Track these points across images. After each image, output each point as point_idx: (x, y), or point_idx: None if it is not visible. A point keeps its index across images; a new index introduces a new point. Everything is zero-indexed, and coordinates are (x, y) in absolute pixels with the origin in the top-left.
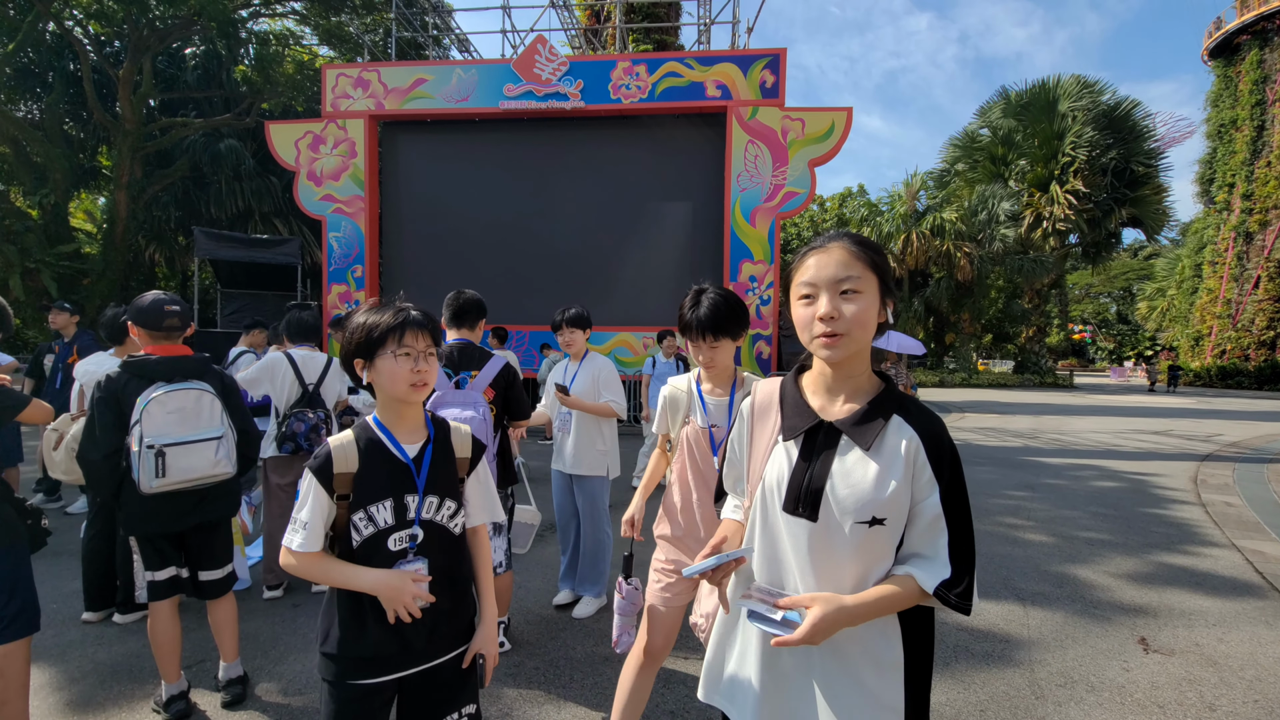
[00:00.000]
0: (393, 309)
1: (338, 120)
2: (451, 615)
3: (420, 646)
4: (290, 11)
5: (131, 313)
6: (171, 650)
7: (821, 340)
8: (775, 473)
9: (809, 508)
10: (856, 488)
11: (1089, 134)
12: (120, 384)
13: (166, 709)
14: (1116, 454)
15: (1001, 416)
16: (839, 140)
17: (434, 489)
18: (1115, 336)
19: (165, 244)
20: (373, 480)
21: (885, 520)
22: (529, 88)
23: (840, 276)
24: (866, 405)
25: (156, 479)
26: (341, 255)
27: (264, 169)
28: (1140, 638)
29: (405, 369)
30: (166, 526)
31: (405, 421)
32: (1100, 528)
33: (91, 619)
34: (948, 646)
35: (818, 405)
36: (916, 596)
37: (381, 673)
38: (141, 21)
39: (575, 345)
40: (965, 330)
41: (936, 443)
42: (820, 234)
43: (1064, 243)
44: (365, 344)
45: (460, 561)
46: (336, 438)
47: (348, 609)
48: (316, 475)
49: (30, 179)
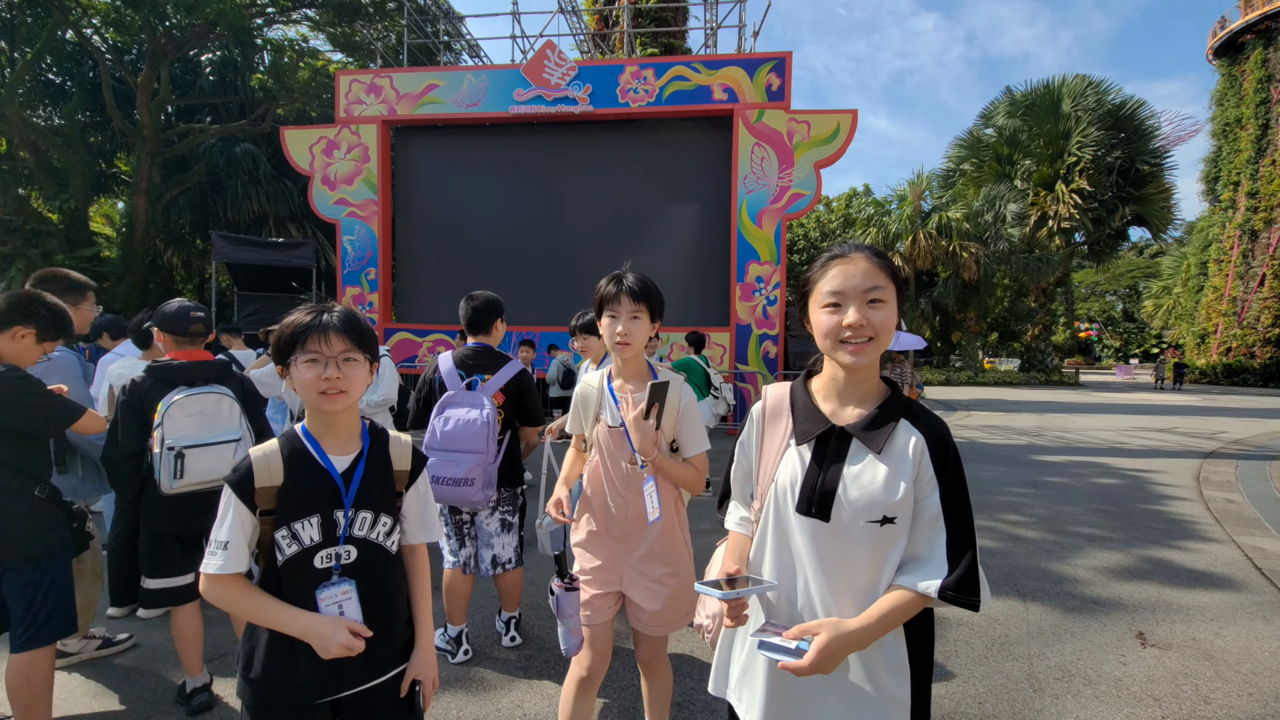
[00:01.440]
0: (311, 310)
1: (351, 125)
2: (386, 638)
3: (353, 671)
4: (304, 18)
5: (157, 319)
6: (194, 645)
7: (851, 347)
8: (788, 475)
9: (822, 509)
10: (868, 489)
11: (1094, 133)
12: (144, 388)
13: (190, 700)
14: (1120, 452)
15: (1007, 415)
16: (844, 142)
17: (366, 504)
18: (1121, 334)
19: (183, 247)
20: (298, 495)
21: (896, 519)
22: (538, 92)
23: (867, 286)
24: (876, 410)
25: (176, 480)
26: (355, 258)
27: (279, 173)
28: (1138, 632)
29: (312, 376)
30: (185, 525)
31: (336, 432)
32: (1101, 524)
33: (116, 614)
34: (948, 641)
35: (829, 410)
36: (918, 604)
37: (312, 698)
38: (159, 30)
39: (591, 350)
40: (971, 329)
41: (941, 444)
42: (840, 243)
43: (1069, 241)
44: (278, 348)
45: (396, 581)
46: (259, 448)
47: (277, 634)
48: (235, 490)
49: (51, 184)
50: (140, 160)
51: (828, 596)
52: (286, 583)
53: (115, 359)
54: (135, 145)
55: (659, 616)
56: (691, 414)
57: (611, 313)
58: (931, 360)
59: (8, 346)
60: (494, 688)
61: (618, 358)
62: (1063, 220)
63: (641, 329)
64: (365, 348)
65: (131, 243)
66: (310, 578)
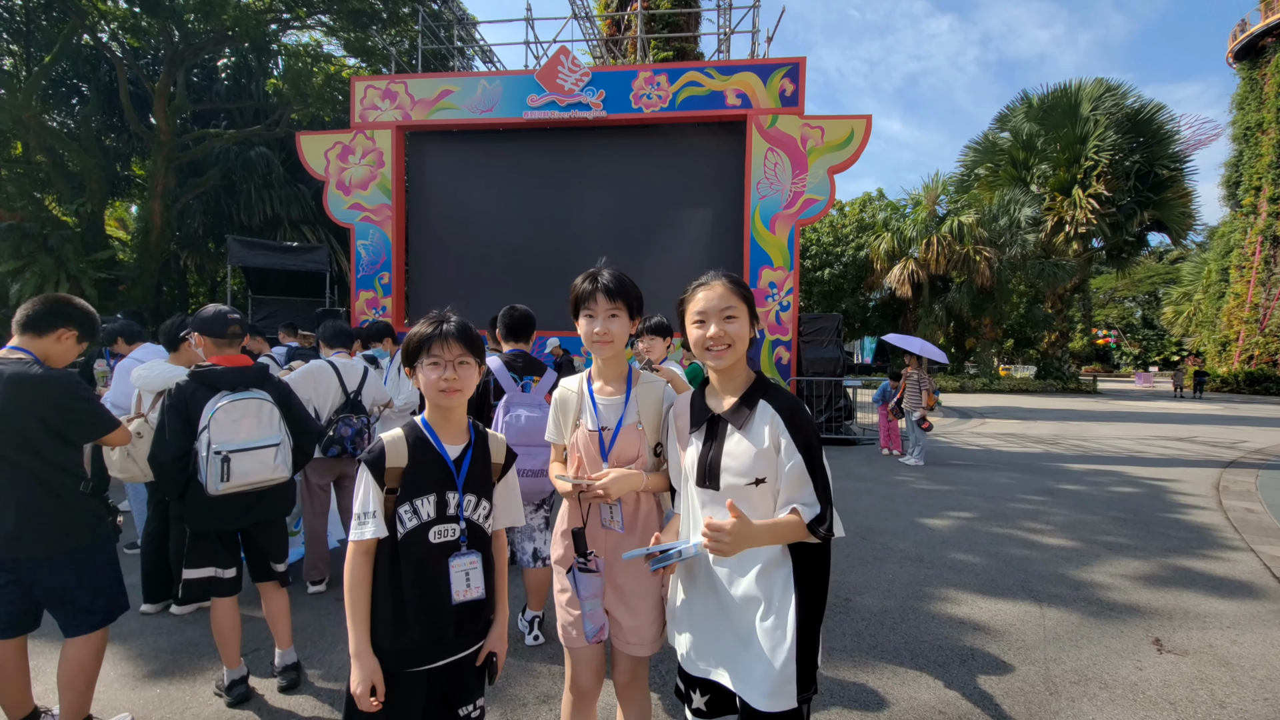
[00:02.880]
0: (433, 321)
1: (366, 131)
2: (478, 610)
3: (450, 641)
4: (319, 24)
5: (197, 324)
6: (233, 638)
7: (714, 353)
8: (690, 458)
9: (712, 479)
10: (741, 459)
11: (1112, 137)
12: (188, 392)
13: (229, 692)
14: (1138, 460)
15: (1022, 422)
16: (858, 147)
17: (472, 488)
18: (1141, 342)
19: (196, 250)
20: (419, 476)
21: (765, 479)
22: (552, 98)
23: (723, 306)
24: (740, 397)
25: (222, 482)
26: (369, 262)
27: (292, 177)
28: (1154, 638)
29: (434, 376)
30: (227, 524)
31: (449, 425)
32: (1118, 532)
33: (150, 610)
34: (964, 645)
35: (713, 404)
36: (799, 528)
37: (416, 664)
38: (176, 36)
39: (655, 352)
40: (986, 335)
41: (791, 415)
42: (706, 273)
43: (1087, 247)
44: (408, 353)
45: (490, 560)
46: (389, 433)
47: (389, 603)
48: (370, 468)
49: (67, 188)
50: (156, 165)
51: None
52: (405, 554)
53: (134, 364)
54: (151, 149)
55: (636, 633)
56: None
57: (589, 311)
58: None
59: (54, 348)
60: (522, 683)
61: (597, 357)
62: (1080, 225)
63: (620, 326)
64: (475, 353)
65: (147, 246)
66: (425, 551)
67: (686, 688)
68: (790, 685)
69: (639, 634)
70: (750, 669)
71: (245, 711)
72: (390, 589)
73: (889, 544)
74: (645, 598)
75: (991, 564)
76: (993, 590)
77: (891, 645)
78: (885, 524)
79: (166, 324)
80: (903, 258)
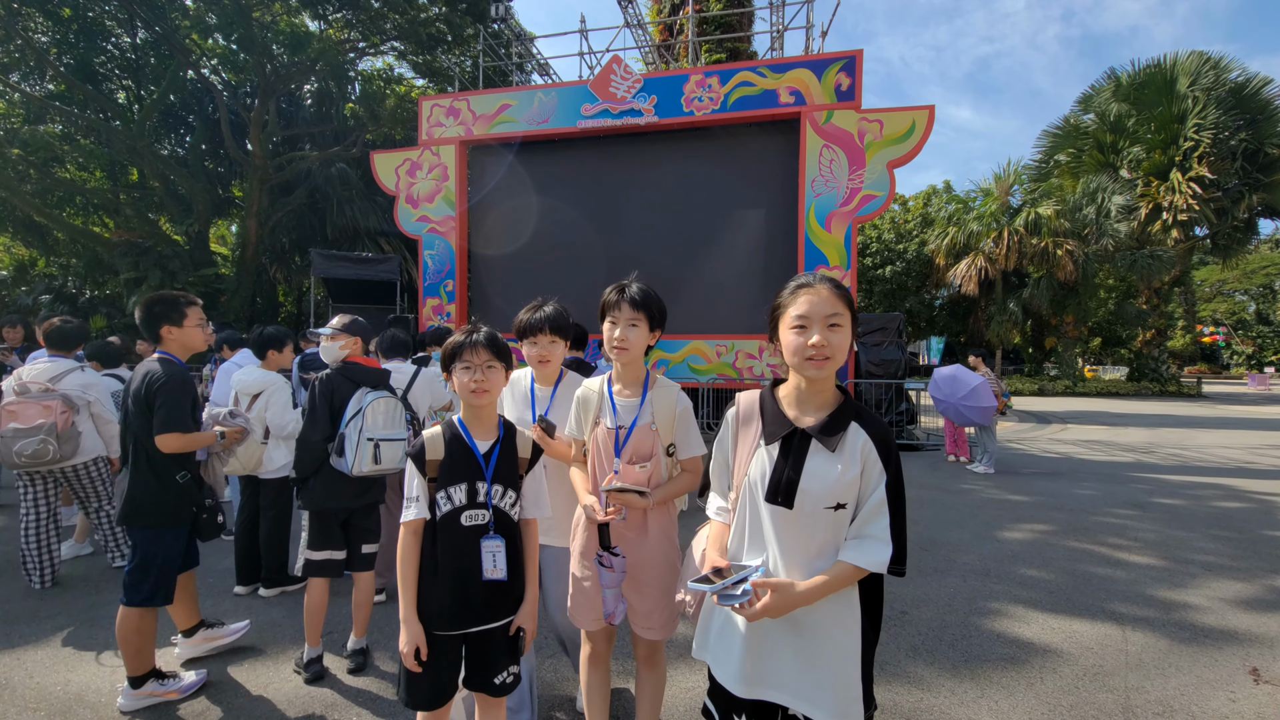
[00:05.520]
0: (465, 330)
1: (432, 147)
2: (507, 587)
3: (478, 608)
4: (391, 49)
5: (354, 327)
6: (319, 619)
7: (814, 364)
8: (758, 470)
9: (787, 498)
10: (824, 480)
11: (1214, 115)
12: (334, 384)
13: (307, 669)
14: (1247, 472)
15: (1110, 429)
16: (920, 140)
17: (499, 479)
18: (1254, 339)
19: (284, 264)
20: (452, 467)
21: (846, 505)
22: (605, 106)
23: (828, 312)
24: (831, 415)
25: (369, 464)
26: (435, 271)
27: (369, 191)
28: (1252, 668)
29: (466, 379)
30: (341, 504)
31: (481, 423)
32: (1218, 551)
33: (241, 592)
34: (1032, 667)
35: (792, 415)
36: (852, 575)
37: (450, 627)
38: (268, 68)
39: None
40: (1069, 334)
41: (884, 443)
42: (808, 273)
43: (1188, 235)
44: (444, 359)
45: (516, 544)
46: (429, 431)
47: (430, 573)
48: (414, 460)
49: (177, 209)
50: (252, 186)
51: (788, 568)
52: (442, 533)
53: (234, 367)
54: (248, 173)
55: (649, 618)
56: (687, 420)
57: (612, 319)
58: (1022, 368)
59: (192, 335)
60: (551, 671)
61: (616, 362)
62: (1179, 212)
63: (639, 336)
64: (502, 358)
65: (244, 261)
66: (458, 532)
67: (726, 711)
68: (858, 705)
69: (650, 620)
70: (817, 688)
71: (320, 689)
72: (431, 562)
73: (952, 556)
74: (657, 588)
75: (1067, 581)
76: (1068, 609)
77: (950, 662)
78: (949, 535)
79: (253, 335)
80: (970, 253)
